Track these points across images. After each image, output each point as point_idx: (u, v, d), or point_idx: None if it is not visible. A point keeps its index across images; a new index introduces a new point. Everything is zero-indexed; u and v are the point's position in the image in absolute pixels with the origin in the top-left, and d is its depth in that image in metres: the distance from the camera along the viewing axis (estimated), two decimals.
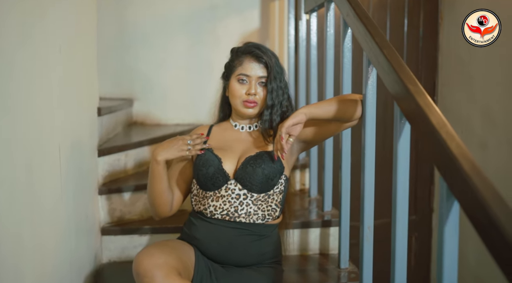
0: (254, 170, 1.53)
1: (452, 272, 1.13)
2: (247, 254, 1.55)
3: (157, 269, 1.30)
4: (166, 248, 1.40)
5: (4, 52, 1.03)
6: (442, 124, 1.17)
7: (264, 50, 1.62)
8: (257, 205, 1.56)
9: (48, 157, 1.32)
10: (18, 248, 1.10)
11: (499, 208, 0.93)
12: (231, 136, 1.66)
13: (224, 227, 1.53)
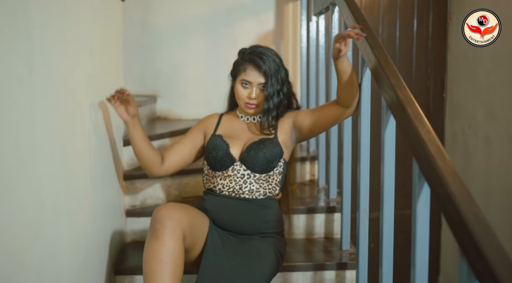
0: (257, 154, 1.76)
1: (424, 245, 1.29)
2: (252, 221, 1.77)
3: (170, 220, 1.53)
4: (185, 210, 1.61)
5: (45, 52, 1.24)
6: (416, 114, 1.34)
7: (266, 58, 1.80)
8: (259, 184, 1.78)
9: (79, 142, 1.54)
10: (56, 216, 1.32)
11: (456, 185, 1.09)
12: (238, 125, 1.90)
13: (229, 201, 1.76)
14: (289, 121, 1.86)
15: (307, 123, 1.82)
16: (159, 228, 1.52)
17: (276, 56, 1.85)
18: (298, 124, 1.84)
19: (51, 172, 1.27)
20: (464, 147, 3.15)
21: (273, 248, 1.76)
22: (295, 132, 1.86)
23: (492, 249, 0.94)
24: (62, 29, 1.40)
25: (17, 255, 1.08)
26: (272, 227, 1.82)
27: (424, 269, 1.29)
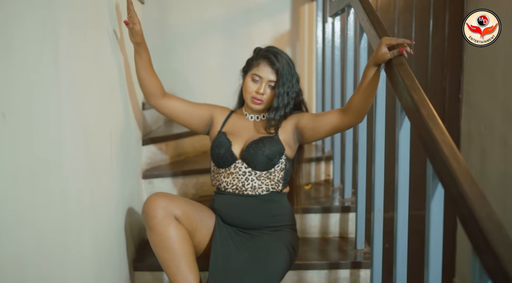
0: (256, 152, 1.79)
1: (438, 245, 1.31)
2: (257, 215, 1.80)
3: (157, 209, 1.62)
4: (170, 196, 1.69)
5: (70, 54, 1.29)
6: (431, 116, 1.35)
7: (280, 58, 1.84)
8: (261, 180, 1.82)
9: (101, 140, 1.59)
10: (79, 213, 1.36)
11: (469, 185, 1.11)
12: (243, 123, 1.93)
13: (234, 197, 1.81)
14: (292, 122, 1.88)
15: (309, 127, 1.85)
16: (149, 219, 1.63)
17: (289, 60, 1.89)
18: (300, 126, 1.86)
19: (75, 170, 1.32)
20: (480, 148, 3.14)
21: (284, 242, 1.79)
22: (297, 133, 1.89)
23: (505, 249, 0.96)
24: (85, 31, 1.45)
25: (44, 249, 1.12)
26: (281, 220, 1.85)
27: (437, 269, 1.31)
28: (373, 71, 1.65)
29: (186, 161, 2.52)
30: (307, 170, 2.68)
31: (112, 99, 1.73)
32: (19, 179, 0.99)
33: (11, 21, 0.97)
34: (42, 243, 1.11)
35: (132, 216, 2.01)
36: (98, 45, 1.58)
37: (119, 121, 1.83)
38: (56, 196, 1.19)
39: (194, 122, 1.97)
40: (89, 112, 1.46)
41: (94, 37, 1.55)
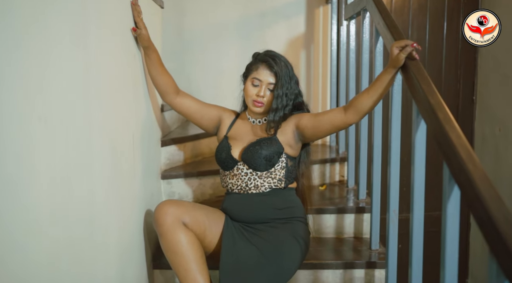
0: (253, 154, 1.85)
1: (454, 247, 1.34)
2: (263, 209, 1.86)
3: (165, 216, 1.70)
4: (179, 203, 1.76)
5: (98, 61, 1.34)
6: (447, 119, 1.38)
7: (278, 61, 1.89)
8: (263, 179, 1.87)
9: (125, 143, 1.64)
10: (106, 213, 1.42)
11: (486, 188, 1.14)
12: (246, 127, 1.99)
13: (240, 196, 1.88)
14: (292, 123, 1.92)
15: (309, 126, 1.89)
16: (158, 226, 1.71)
17: (288, 63, 1.94)
18: (301, 126, 1.90)
19: (102, 171, 1.37)
20: (494, 150, 3.16)
21: (293, 234, 1.84)
22: (297, 133, 1.92)
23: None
24: (111, 39, 1.50)
25: (75, 244, 1.18)
26: (288, 213, 1.90)
27: (454, 270, 1.33)
28: (390, 75, 1.69)
29: (203, 162, 2.57)
30: (322, 171, 2.71)
31: (135, 103, 1.79)
32: (54, 180, 1.04)
33: (49, 33, 1.02)
34: (73, 240, 1.16)
35: (151, 215, 2.06)
36: (122, 52, 1.63)
37: (141, 124, 1.88)
38: (85, 196, 1.24)
39: (205, 122, 2.04)
40: (115, 116, 1.51)
41: (119, 44, 1.60)
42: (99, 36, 1.36)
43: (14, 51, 0.88)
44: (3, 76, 0.85)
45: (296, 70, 3.22)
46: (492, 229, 1.05)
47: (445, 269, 1.34)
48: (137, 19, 1.79)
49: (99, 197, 1.33)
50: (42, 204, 0.99)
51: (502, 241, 1.02)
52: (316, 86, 3.27)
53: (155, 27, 2.22)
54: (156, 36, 2.24)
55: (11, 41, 0.87)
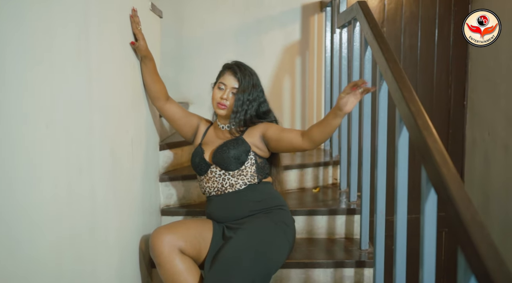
0: (222, 155, 1.98)
1: (431, 246, 1.42)
2: (241, 205, 1.97)
3: (162, 246, 1.78)
4: (175, 229, 1.85)
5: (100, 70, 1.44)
6: (425, 126, 1.47)
7: (243, 69, 2.04)
8: (236, 177, 1.99)
9: (124, 147, 1.74)
10: (106, 213, 1.51)
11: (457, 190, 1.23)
12: (217, 133, 2.13)
13: (219, 198, 2.00)
14: (259, 130, 2.04)
15: (273, 138, 2.01)
16: (156, 256, 1.80)
17: (253, 73, 2.07)
18: (267, 136, 2.02)
19: (103, 173, 1.47)
20: (484, 154, 3.24)
21: (274, 220, 1.94)
22: (263, 141, 2.04)
23: (486, 247, 1.08)
24: (112, 48, 1.60)
25: (77, 240, 1.27)
26: (266, 203, 2.00)
27: (431, 268, 1.42)
28: (339, 120, 1.83)
29: None
30: (315, 174, 2.80)
31: (133, 110, 1.88)
32: (58, 180, 1.14)
33: (55, 48, 1.12)
34: (75, 238, 1.25)
35: (150, 216, 2.15)
36: (122, 62, 1.73)
37: (140, 129, 1.98)
38: (86, 196, 1.33)
39: (185, 129, 2.20)
40: (114, 123, 1.61)
41: (119, 55, 1.70)
42: (101, 48, 1.46)
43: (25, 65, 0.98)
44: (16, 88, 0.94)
45: (292, 76, 3.33)
46: (460, 227, 1.15)
47: (424, 268, 1.43)
48: (136, 31, 1.89)
49: (99, 197, 1.43)
50: (46, 203, 1.08)
51: (468, 238, 1.11)
52: (311, 91, 3.37)
53: (154, 36, 2.32)
54: (155, 45, 2.34)
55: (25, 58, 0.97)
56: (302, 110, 3.39)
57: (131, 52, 1.87)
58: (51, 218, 1.11)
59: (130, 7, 1.84)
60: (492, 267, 1.03)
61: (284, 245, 1.93)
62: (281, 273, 2.14)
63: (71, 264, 1.23)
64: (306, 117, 3.39)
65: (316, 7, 3.28)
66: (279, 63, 3.33)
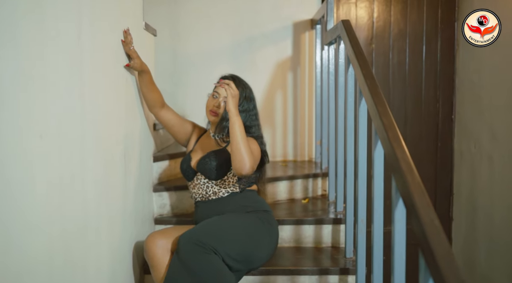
0: (204, 165, 2.10)
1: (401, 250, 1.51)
2: (226, 209, 2.08)
3: (156, 249, 1.92)
4: (167, 233, 1.99)
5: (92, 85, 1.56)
6: (395, 138, 1.57)
7: (237, 81, 2.16)
8: (219, 186, 2.11)
9: (116, 157, 1.85)
10: (97, 218, 1.61)
11: (419, 197, 1.33)
12: (207, 142, 2.26)
13: (204, 204, 2.12)
14: None
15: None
16: (150, 259, 1.94)
17: (247, 86, 2.19)
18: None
19: (95, 181, 1.57)
20: (471, 165, 3.34)
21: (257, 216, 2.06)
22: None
23: (441, 248, 1.17)
24: (105, 64, 1.72)
25: (68, 242, 1.37)
26: (249, 207, 2.11)
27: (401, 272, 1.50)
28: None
29: None
30: (305, 185, 2.90)
31: (126, 122, 2.00)
32: (51, 186, 1.24)
33: (47, 61, 1.23)
34: (66, 238, 1.36)
35: (143, 224, 2.26)
36: (114, 77, 1.85)
37: (132, 141, 2.09)
38: (78, 201, 1.44)
39: (180, 135, 2.34)
40: (107, 134, 1.72)
41: (113, 68, 1.82)
42: (93, 65, 1.58)
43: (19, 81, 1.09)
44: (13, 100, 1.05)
45: (284, 90, 3.45)
46: (420, 231, 1.24)
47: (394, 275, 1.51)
48: (129, 51, 1.99)
49: (91, 203, 1.53)
50: (39, 206, 1.19)
51: (426, 240, 1.20)
52: (302, 106, 3.48)
53: (148, 54, 2.44)
54: (149, 62, 2.46)
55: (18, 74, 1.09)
56: (294, 124, 3.50)
57: (123, 68, 1.99)
58: (44, 220, 1.21)
59: (124, 25, 1.97)
60: (444, 266, 1.12)
61: (265, 241, 2.02)
62: (268, 279, 2.23)
63: (62, 263, 1.33)
64: (298, 131, 3.50)
65: (307, 25, 3.41)
66: (272, 78, 3.45)
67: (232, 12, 3.41)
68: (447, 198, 3.65)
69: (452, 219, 3.65)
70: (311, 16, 3.40)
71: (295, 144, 3.51)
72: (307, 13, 3.40)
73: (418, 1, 3.51)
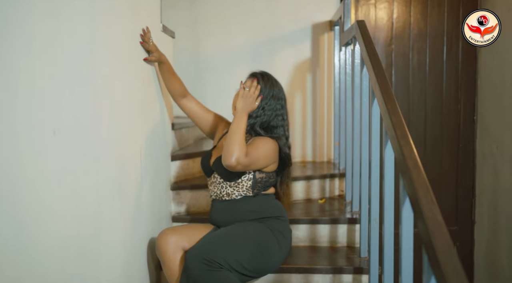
0: (217, 166, 2.08)
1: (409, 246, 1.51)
2: (236, 213, 2.07)
3: (167, 245, 1.94)
4: (178, 230, 2.01)
5: (109, 86, 1.62)
6: (403, 135, 1.58)
7: (265, 78, 2.12)
8: (233, 188, 2.08)
9: (132, 155, 1.91)
10: (111, 214, 1.67)
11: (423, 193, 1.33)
12: None
13: (218, 203, 2.11)
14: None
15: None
16: (161, 255, 1.97)
17: (276, 85, 2.14)
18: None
19: (108, 177, 1.63)
20: (493, 167, 3.28)
21: (267, 225, 2.02)
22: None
23: (442, 243, 1.18)
24: (123, 65, 1.79)
25: (82, 236, 1.43)
26: (261, 213, 2.08)
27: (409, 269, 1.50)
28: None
29: None
30: (322, 185, 2.91)
31: (143, 122, 2.05)
32: (64, 180, 1.30)
33: (63, 61, 1.30)
34: (79, 231, 1.41)
35: (160, 222, 2.31)
36: (130, 78, 1.91)
37: (149, 140, 2.15)
38: (91, 196, 1.50)
39: (205, 128, 2.36)
40: (122, 133, 1.78)
41: (129, 70, 1.88)
42: (109, 66, 1.64)
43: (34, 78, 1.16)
44: (27, 96, 1.12)
45: (303, 92, 3.47)
46: (423, 226, 1.25)
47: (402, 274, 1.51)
48: (149, 48, 2.07)
49: (104, 198, 1.59)
50: (53, 198, 1.25)
51: (428, 235, 1.21)
52: (321, 107, 3.49)
53: (167, 56, 2.48)
54: None
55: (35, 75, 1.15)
56: (313, 125, 3.52)
57: (140, 70, 2.05)
58: (57, 212, 1.27)
59: (141, 27, 2.03)
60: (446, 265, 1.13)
61: (274, 250, 1.99)
62: (281, 277, 2.25)
63: (75, 253, 1.39)
64: (317, 132, 3.51)
65: (326, 26, 3.43)
66: (291, 80, 3.47)
67: (250, 15, 3.46)
68: (469, 201, 3.59)
69: (474, 222, 3.59)
70: (329, 17, 3.41)
71: (314, 145, 3.52)
72: (326, 14, 3.42)
73: (439, 1, 3.48)
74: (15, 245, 1.08)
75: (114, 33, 1.70)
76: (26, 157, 1.12)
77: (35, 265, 1.17)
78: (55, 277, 1.27)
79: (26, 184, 1.12)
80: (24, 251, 1.12)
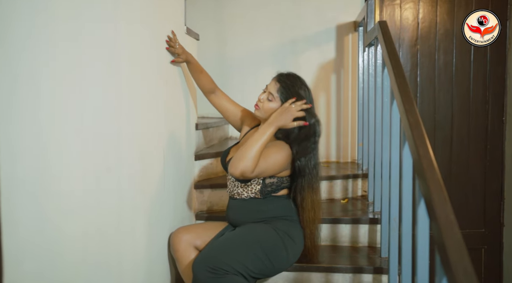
0: (227, 166, 2.10)
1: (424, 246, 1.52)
2: (245, 213, 2.08)
3: (179, 243, 2.01)
4: (191, 228, 2.07)
5: (131, 86, 1.68)
6: (419, 135, 1.59)
7: (290, 78, 2.06)
8: (242, 188, 2.09)
9: (156, 155, 1.97)
10: (133, 211, 1.73)
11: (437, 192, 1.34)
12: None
13: (231, 200, 2.15)
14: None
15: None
16: (174, 252, 2.03)
17: (299, 86, 2.04)
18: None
19: (131, 175, 1.69)
20: None
21: (273, 226, 2.01)
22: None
23: (453, 243, 1.19)
24: (145, 66, 1.85)
25: (103, 232, 1.49)
26: (269, 213, 2.06)
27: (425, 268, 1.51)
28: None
29: None
30: (344, 185, 2.92)
31: (166, 122, 2.11)
32: (86, 177, 1.37)
33: (83, 58, 1.36)
34: (101, 224, 1.47)
35: (183, 219, 2.37)
36: (153, 78, 1.97)
37: (172, 139, 2.21)
38: (113, 191, 1.56)
39: (235, 123, 2.39)
40: (144, 132, 1.84)
41: (152, 70, 1.95)
42: (131, 65, 1.70)
43: (57, 77, 1.23)
44: (51, 96, 1.18)
45: (327, 92, 3.48)
46: (436, 226, 1.26)
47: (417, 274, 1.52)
48: (176, 51, 2.16)
49: (126, 194, 1.65)
50: (76, 192, 1.31)
51: (441, 235, 1.22)
52: (346, 107, 3.50)
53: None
54: None
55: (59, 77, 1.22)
56: (337, 126, 3.52)
57: (164, 70, 2.11)
58: (79, 206, 1.33)
59: (165, 29, 2.09)
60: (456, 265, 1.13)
61: (279, 250, 1.97)
62: (301, 275, 2.27)
63: (98, 249, 1.45)
64: (341, 132, 3.52)
65: (351, 27, 3.43)
66: (315, 80, 3.49)
67: (275, 15, 3.49)
68: (497, 203, 3.52)
69: (503, 225, 3.52)
70: (354, 18, 3.41)
71: (338, 146, 3.53)
72: (350, 15, 3.42)
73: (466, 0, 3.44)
74: (36, 239, 1.14)
75: (137, 34, 1.76)
76: (50, 154, 1.18)
77: (56, 258, 1.23)
78: (76, 269, 1.33)
79: (50, 180, 1.19)
80: (46, 244, 1.18)
